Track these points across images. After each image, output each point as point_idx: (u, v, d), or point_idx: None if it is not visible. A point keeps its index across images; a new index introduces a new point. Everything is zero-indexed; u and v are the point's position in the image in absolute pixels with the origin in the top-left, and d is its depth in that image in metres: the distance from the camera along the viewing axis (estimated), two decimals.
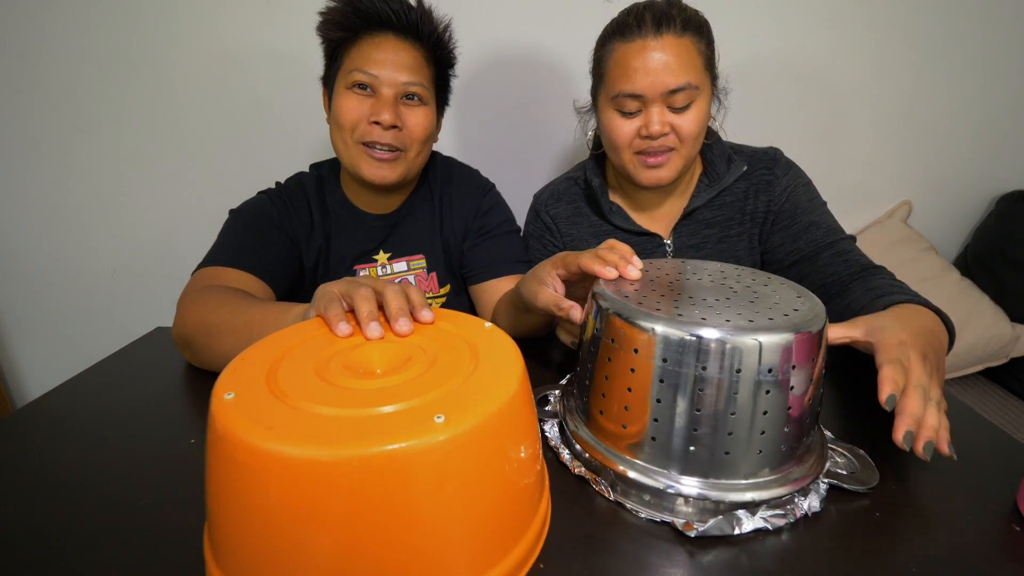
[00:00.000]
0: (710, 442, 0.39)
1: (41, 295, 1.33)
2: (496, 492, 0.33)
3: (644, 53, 0.67)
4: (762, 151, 0.81)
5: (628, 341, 0.40)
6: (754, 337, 0.37)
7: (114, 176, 1.24)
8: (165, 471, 0.45)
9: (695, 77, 0.68)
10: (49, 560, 0.36)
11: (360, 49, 0.70)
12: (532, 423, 0.38)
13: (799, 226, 0.75)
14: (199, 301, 0.61)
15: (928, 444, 0.41)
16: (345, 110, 0.70)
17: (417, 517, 0.29)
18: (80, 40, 1.13)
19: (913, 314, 0.55)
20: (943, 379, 0.49)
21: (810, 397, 0.40)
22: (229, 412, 0.30)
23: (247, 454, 0.29)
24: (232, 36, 1.13)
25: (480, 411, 0.31)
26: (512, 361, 0.37)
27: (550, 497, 0.41)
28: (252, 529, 0.30)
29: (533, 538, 0.36)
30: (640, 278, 0.48)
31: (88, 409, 0.55)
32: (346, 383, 0.34)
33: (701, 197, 0.79)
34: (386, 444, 0.28)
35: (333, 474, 0.28)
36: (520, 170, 1.23)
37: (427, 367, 0.36)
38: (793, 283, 0.48)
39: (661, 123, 0.68)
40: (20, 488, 0.43)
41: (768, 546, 0.38)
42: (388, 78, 0.70)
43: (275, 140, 1.21)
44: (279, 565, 0.29)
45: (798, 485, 0.40)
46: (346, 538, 0.29)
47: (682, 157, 0.72)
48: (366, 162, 0.72)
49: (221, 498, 0.31)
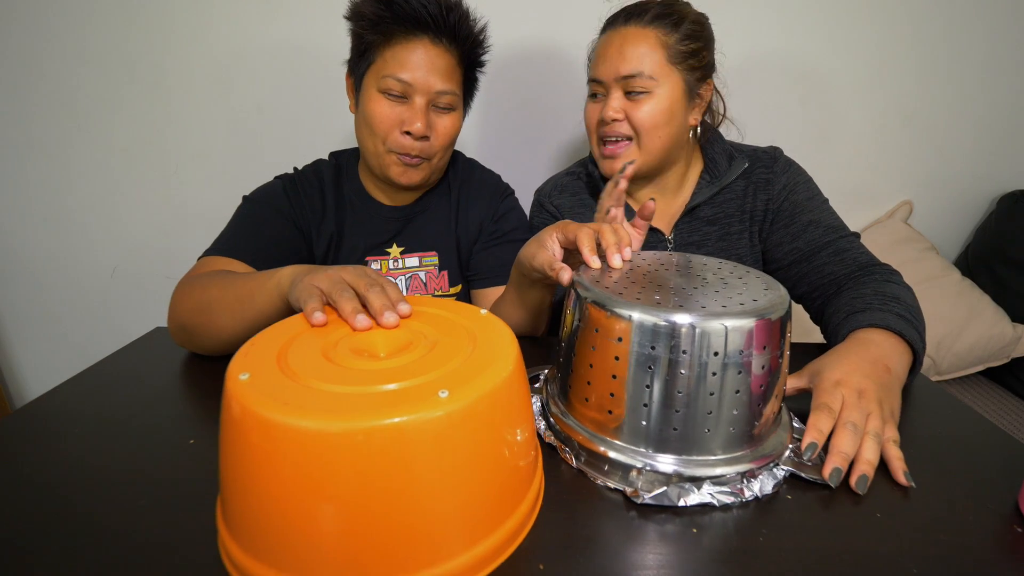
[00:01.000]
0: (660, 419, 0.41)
1: (41, 295, 1.33)
2: (492, 465, 0.35)
3: (608, 42, 0.73)
4: (763, 150, 0.81)
5: (604, 328, 0.42)
6: (721, 322, 0.39)
7: (113, 176, 1.24)
8: (165, 471, 0.45)
9: (651, 68, 0.70)
10: (49, 560, 0.36)
11: (394, 52, 0.69)
12: (526, 402, 0.40)
13: (798, 225, 0.75)
14: (190, 287, 0.62)
15: (862, 478, 0.42)
16: (378, 117, 0.70)
17: (418, 486, 0.32)
18: (79, 40, 1.13)
19: (862, 345, 0.54)
20: (896, 407, 0.49)
21: (764, 383, 0.41)
22: (244, 391, 0.33)
23: (262, 428, 0.31)
24: (232, 36, 1.13)
25: (477, 388, 0.33)
26: (508, 344, 0.39)
27: (543, 474, 0.43)
28: (266, 498, 0.32)
29: (527, 511, 0.38)
30: (621, 268, 0.49)
31: (87, 409, 0.55)
32: (352, 364, 0.36)
33: (702, 194, 0.79)
34: (390, 417, 0.30)
35: (342, 444, 0.30)
36: (526, 165, 1.23)
37: (427, 350, 0.38)
38: (766, 276, 0.48)
39: (615, 109, 0.72)
40: (20, 488, 0.43)
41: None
42: (422, 85, 0.69)
43: (275, 140, 1.21)
44: (291, 531, 0.32)
45: (745, 466, 0.42)
46: (352, 505, 0.31)
47: (642, 149, 0.74)
48: (396, 166, 0.74)
49: (236, 470, 0.33)
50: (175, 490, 0.43)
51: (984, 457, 0.47)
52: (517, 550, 0.37)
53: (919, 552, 0.37)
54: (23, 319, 1.36)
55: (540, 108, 1.19)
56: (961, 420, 0.54)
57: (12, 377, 1.41)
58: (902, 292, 0.62)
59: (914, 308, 0.60)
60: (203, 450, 0.48)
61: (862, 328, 0.56)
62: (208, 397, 0.58)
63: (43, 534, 0.38)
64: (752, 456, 0.42)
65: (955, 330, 1.15)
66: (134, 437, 0.50)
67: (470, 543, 0.34)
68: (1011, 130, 1.24)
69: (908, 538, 0.38)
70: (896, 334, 0.55)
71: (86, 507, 0.41)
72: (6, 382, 1.40)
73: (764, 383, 0.41)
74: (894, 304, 0.59)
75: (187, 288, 0.63)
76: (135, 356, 0.68)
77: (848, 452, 0.43)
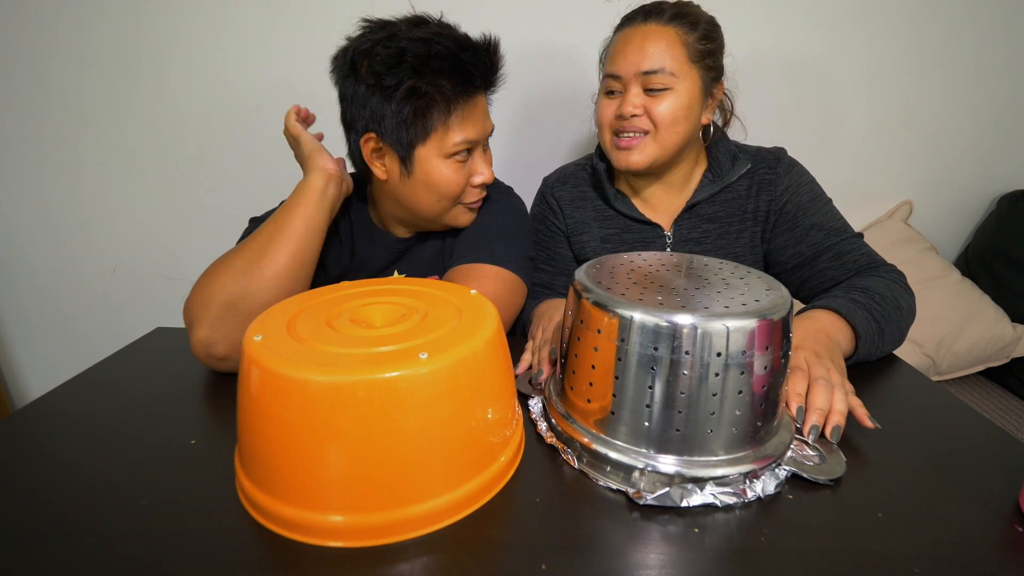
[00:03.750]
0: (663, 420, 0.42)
1: (41, 295, 1.33)
2: (469, 417, 0.40)
3: (627, 38, 0.73)
4: (767, 150, 0.81)
5: (606, 329, 0.43)
6: (723, 322, 0.39)
7: (114, 176, 1.24)
8: (165, 471, 0.45)
9: (672, 64, 0.71)
10: (49, 560, 0.36)
11: (460, 117, 0.65)
12: (503, 369, 0.45)
13: (801, 229, 0.76)
14: (219, 265, 0.61)
15: (836, 428, 0.47)
16: (452, 183, 0.68)
17: (406, 432, 0.38)
18: (81, 40, 1.13)
19: (804, 320, 0.61)
20: (843, 366, 0.55)
21: (766, 384, 0.41)
22: (258, 349, 0.39)
23: (274, 379, 0.37)
24: (233, 37, 1.13)
25: (455, 353, 0.39)
26: (489, 318, 0.44)
27: (523, 434, 0.49)
28: (277, 441, 0.38)
29: (505, 465, 0.44)
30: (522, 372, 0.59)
31: (88, 409, 0.55)
32: (352, 332, 0.42)
33: (704, 191, 0.79)
34: (382, 373, 0.36)
35: (341, 393, 0.36)
36: (533, 164, 1.23)
37: (417, 321, 0.44)
38: (768, 276, 0.48)
39: (633, 104, 0.72)
40: (20, 488, 0.43)
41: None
42: (482, 137, 0.69)
43: (275, 141, 1.20)
44: (298, 471, 0.38)
45: (748, 467, 0.42)
46: (351, 446, 0.37)
47: (656, 144, 0.74)
48: (463, 215, 0.73)
49: (252, 419, 0.39)
50: (175, 490, 0.43)
51: (984, 457, 0.48)
52: (518, 550, 0.37)
53: (919, 552, 0.37)
54: (23, 319, 1.36)
55: (539, 108, 1.19)
56: (961, 420, 0.54)
57: (12, 377, 1.41)
58: (879, 283, 0.66)
59: (882, 296, 0.64)
60: (203, 450, 0.48)
61: (809, 308, 0.63)
62: (209, 397, 0.58)
63: (43, 534, 0.39)
64: (754, 456, 0.42)
65: (955, 330, 1.16)
66: (134, 437, 0.50)
67: (452, 485, 0.40)
68: (1011, 130, 1.25)
69: (908, 538, 0.38)
70: (838, 314, 0.61)
71: (86, 507, 0.41)
72: (6, 382, 1.40)
73: (766, 383, 0.41)
74: (857, 293, 0.65)
75: (217, 267, 0.61)
76: (136, 356, 0.68)
77: (824, 407, 0.48)
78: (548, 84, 1.18)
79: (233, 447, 0.46)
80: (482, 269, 0.68)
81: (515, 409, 0.48)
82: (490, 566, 0.36)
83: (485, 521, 0.40)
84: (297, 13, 1.11)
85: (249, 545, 0.38)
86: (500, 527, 0.40)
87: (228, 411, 0.46)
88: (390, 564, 0.36)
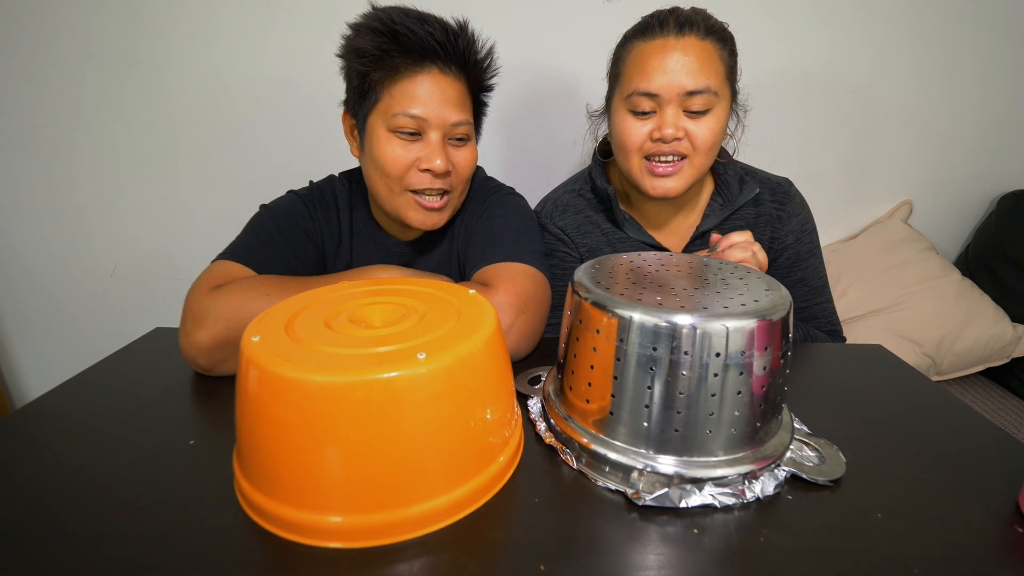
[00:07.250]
0: (662, 420, 0.41)
1: (41, 295, 1.33)
2: (467, 418, 0.40)
3: (664, 51, 0.65)
4: (775, 180, 0.79)
5: (605, 329, 0.42)
6: (722, 323, 0.39)
7: (114, 176, 1.24)
8: (165, 471, 0.45)
9: (715, 83, 0.65)
10: (48, 560, 0.36)
11: (402, 87, 0.63)
12: (501, 369, 0.45)
13: (790, 280, 0.77)
14: (236, 295, 0.58)
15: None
16: (391, 159, 0.65)
17: (404, 432, 0.37)
18: (81, 40, 1.13)
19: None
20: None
21: (765, 384, 0.41)
22: (256, 349, 0.38)
23: (272, 380, 0.37)
24: (232, 37, 1.13)
25: (453, 354, 0.39)
26: (487, 319, 0.44)
27: (522, 434, 0.48)
28: (275, 442, 0.38)
29: (504, 465, 0.43)
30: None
31: (87, 409, 0.55)
32: (351, 332, 0.42)
33: (714, 217, 0.77)
34: (381, 373, 0.36)
35: (340, 394, 0.36)
36: (525, 176, 1.23)
37: (416, 322, 0.44)
38: (768, 277, 0.48)
39: (675, 126, 0.66)
40: (19, 488, 0.43)
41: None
42: (436, 119, 0.64)
43: (275, 141, 1.21)
44: (297, 471, 0.38)
45: (747, 467, 0.41)
46: (349, 447, 0.37)
47: (694, 168, 0.69)
48: (414, 210, 0.69)
49: (249, 419, 0.39)
50: (175, 490, 0.43)
51: (984, 457, 0.47)
52: (517, 550, 0.37)
53: (919, 552, 0.37)
54: (23, 319, 1.36)
55: (540, 108, 1.19)
56: (961, 420, 0.54)
57: (12, 377, 1.41)
58: (813, 331, 0.77)
59: (808, 334, 0.76)
60: (203, 450, 0.48)
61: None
62: (208, 397, 0.58)
63: (42, 534, 0.38)
64: (753, 457, 0.42)
65: (955, 330, 1.15)
66: (134, 437, 0.50)
67: (451, 485, 0.40)
68: (1011, 130, 1.24)
69: (908, 538, 0.38)
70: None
71: (85, 507, 0.41)
72: (6, 382, 1.40)
73: (766, 384, 0.41)
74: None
75: (231, 296, 0.58)
76: (136, 356, 0.68)
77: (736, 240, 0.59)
78: (548, 83, 1.17)
79: (232, 448, 0.46)
80: (512, 268, 0.66)
81: (514, 409, 0.48)
82: (489, 566, 0.36)
83: (484, 521, 0.40)
84: (296, 13, 1.11)
85: (247, 546, 0.38)
86: (499, 527, 0.40)
87: (227, 412, 0.46)
88: (389, 565, 0.36)
